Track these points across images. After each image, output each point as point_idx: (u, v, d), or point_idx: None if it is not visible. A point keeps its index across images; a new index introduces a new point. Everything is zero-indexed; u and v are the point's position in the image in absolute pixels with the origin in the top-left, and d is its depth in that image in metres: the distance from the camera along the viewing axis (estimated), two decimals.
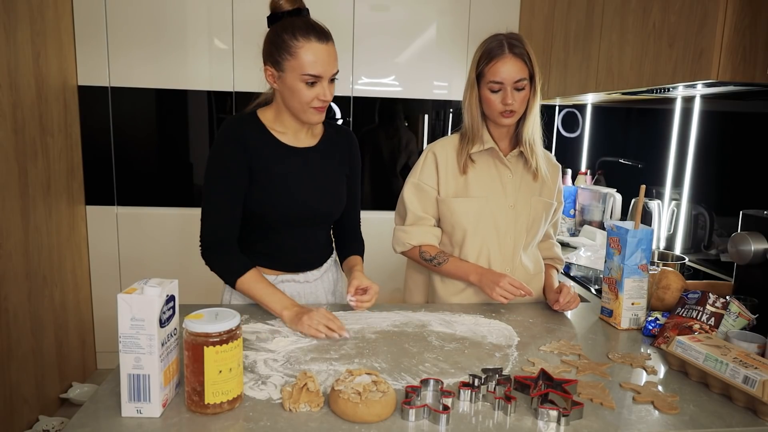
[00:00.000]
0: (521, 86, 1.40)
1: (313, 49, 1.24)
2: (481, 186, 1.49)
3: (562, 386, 0.94)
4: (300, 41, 1.24)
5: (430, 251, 1.50)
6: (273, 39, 1.28)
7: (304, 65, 1.24)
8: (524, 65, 1.40)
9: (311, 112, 1.30)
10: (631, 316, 1.32)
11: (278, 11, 1.29)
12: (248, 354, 1.10)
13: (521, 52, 1.40)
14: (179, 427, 0.85)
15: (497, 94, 1.41)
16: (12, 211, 2.24)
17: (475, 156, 1.49)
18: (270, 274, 1.41)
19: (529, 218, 1.51)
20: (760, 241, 1.26)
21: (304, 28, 1.25)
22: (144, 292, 0.84)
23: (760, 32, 1.52)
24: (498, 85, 1.40)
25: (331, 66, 1.28)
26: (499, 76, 1.39)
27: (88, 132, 2.84)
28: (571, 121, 3.14)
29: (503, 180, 1.50)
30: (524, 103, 1.43)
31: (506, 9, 3.03)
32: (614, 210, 2.48)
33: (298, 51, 1.24)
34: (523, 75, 1.39)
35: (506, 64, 1.39)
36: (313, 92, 1.27)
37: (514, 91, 1.40)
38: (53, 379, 2.57)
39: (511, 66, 1.39)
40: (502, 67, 1.39)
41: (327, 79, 1.28)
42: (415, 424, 0.87)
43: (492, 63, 1.40)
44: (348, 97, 2.98)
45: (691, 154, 2.16)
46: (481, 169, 1.50)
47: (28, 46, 2.34)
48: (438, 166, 1.50)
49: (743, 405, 0.96)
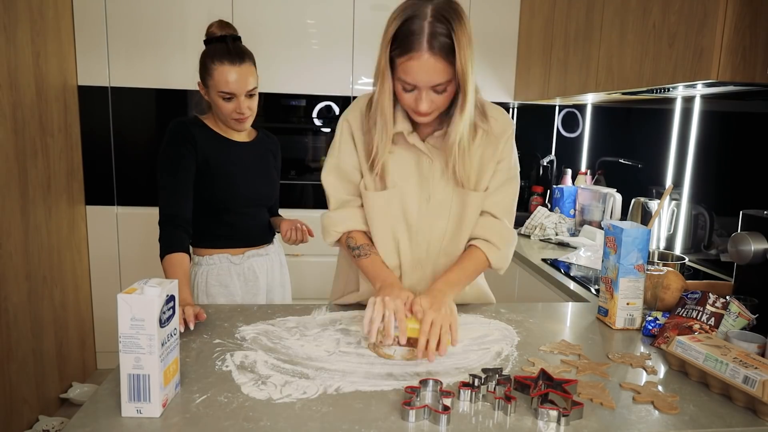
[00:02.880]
0: (441, 89, 1.10)
1: (225, 71, 1.49)
2: (396, 175, 1.24)
3: (562, 386, 0.94)
4: (215, 64, 1.49)
5: (358, 239, 1.28)
6: (201, 61, 1.54)
7: (219, 84, 1.50)
8: (447, 64, 1.06)
9: (233, 122, 1.56)
10: (626, 316, 1.32)
11: (210, 37, 1.54)
12: (248, 354, 1.10)
13: (444, 44, 1.04)
14: (179, 427, 0.85)
15: (410, 94, 1.12)
16: (12, 211, 2.24)
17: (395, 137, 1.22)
18: (237, 252, 1.64)
19: (449, 213, 1.26)
20: (760, 241, 1.26)
21: (220, 53, 1.49)
22: (144, 292, 0.84)
23: (760, 32, 1.52)
24: (410, 85, 1.10)
25: (242, 84, 1.50)
26: (411, 77, 1.08)
27: (88, 132, 2.84)
28: (571, 121, 3.13)
29: (421, 167, 1.24)
30: (447, 101, 1.14)
31: (506, 9, 3.03)
32: (614, 210, 2.48)
33: (214, 73, 1.50)
34: (443, 78, 1.08)
35: (421, 64, 1.06)
36: (231, 106, 1.53)
37: (432, 93, 1.11)
38: (53, 379, 2.57)
39: (428, 66, 1.06)
40: (415, 67, 1.07)
41: (242, 96, 1.52)
42: (415, 425, 0.87)
43: (404, 58, 1.07)
44: (348, 97, 2.98)
45: (691, 154, 2.16)
46: (398, 155, 1.24)
47: (28, 46, 2.34)
48: (355, 140, 1.27)
49: (743, 405, 0.96)
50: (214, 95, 1.53)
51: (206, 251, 1.63)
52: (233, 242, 1.64)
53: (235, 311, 1.35)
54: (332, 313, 1.35)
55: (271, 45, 2.82)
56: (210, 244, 1.63)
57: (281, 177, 1.79)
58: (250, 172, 1.63)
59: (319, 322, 1.29)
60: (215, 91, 1.52)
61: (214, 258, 1.63)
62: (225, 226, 1.62)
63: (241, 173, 1.61)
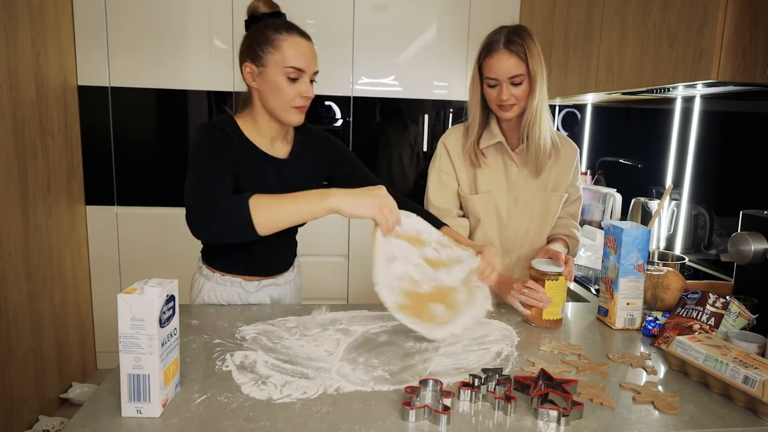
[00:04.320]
0: (518, 81, 1.39)
1: (297, 43, 1.26)
2: (487, 180, 1.52)
3: (562, 386, 0.94)
4: (284, 35, 1.26)
5: None
6: (255, 35, 1.28)
7: (287, 58, 1.25)
8: (520, 61, 1.38)
9: (292, 111, 1.30)
10: (626, 316, 1.32)
11: (257, 13, 1.31)
12: (248, 354, 1.10)
13: (518, 47, 1.38)
14: (179, 427, 0.85)
15: (494, 89, 1.42)
16: (12, 211, 2.24)
17: (485, 150, 1.51)
18: (252, 280, 1.44)
19: (532, 212, 1.53)
20: (760, 241, 1.26)
21: (286, 25, 1.28)
22: (144, 292, 0.84)
23: (760, 32, 1.52)
24: (493, 80, 1.40)
25: (313, 63, 1.30)
26: (493, 72, 1.39)
27: (88, 132, 2.84)
28: (571, 121, 3.14)
29: (509, 174, 1.52)
30: (525, 98, 1.42)
31: (506, 9, 3.03)
32: (614, 210, 2.48)
33: (282, 44, 1.25)
34: (518, 71, 1.38)
35: (500, 60, 1.38)
36: (295, 89, 1.27)
37: (510, 86, 1.39)
38: (53, 379, 2.57)
39: (505, 62, 1.38)
40: (496, 63, 1.39)
41: (308, 77, 1.29)
42: (415, 425, 0.87)
43: (488, 58, 1.40)
44: (348, 97, 2.98)
45: (691, 154, 2.16)
46: (489, 163, 1.52)
47: (28, 46, 2.34)
48: (452, 158, 1.54)
49: (743, 405, 0.96)
50: (275, 74, 1.26)
51: (218, 271, 1.43)
52: (251, 271, 1.44)
53: (235, 311, 1.35)
54: (332, 313, 1.35)
55: None
56: (224, 268, 1.42)
57: None
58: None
59: (319, 322, 1.29)
60: (281, 66, 1.25)
61: (226, 279, 1.42)
62: (246, 254, 1.40)
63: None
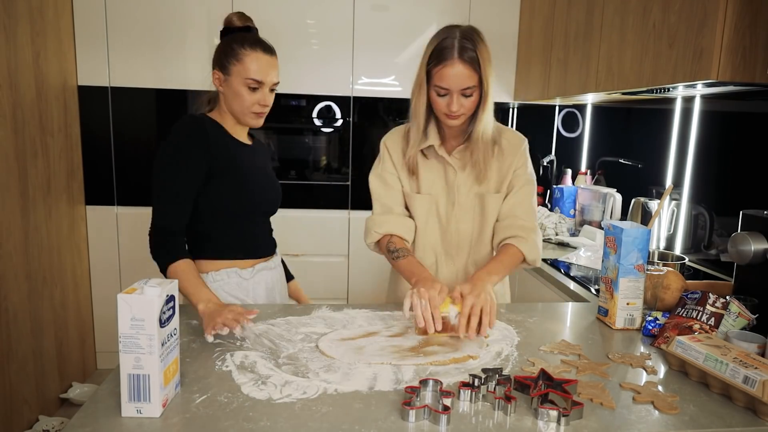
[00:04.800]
0: (469, 93, 1.33)
1: (258, 58, 1.42)
2: (428, 182, 1.48)
3: (562, 386, 0.94)
4: (247, 50, 1.42)
5: (396, 243, 1.44)
6: (223, 47, 1.45)
7: (249, 71, 1.41)
8: (473, 72, 1.31)
9: (251, 116, 1.46)
10: (626, 316, 1.32)
11: (230, 26, 1.48)
12: (248, 354, 1.10)
13: (471, 57, 1.30)
14: (179, 427, 0.85)
15: (443, 98, 1.35)
16: (12, 211, 2.24)
17: (426, 151, 1.46)
18: (246, 266, 1.51)
19: (472, 215, 1.48)
20: (760, 241, 1.26)
21: (252, 40, 1.43)
22: (144, 292, 0.84)
23: (760, 32, 1.52)
24: (444, 90, 1.33)
25: (272, 75, 1.45)
26: (445, 83, 1.32)
27: (88, 132, 2.84)
28: (571, 121, 3.14)
29: (447, 177, 1.47)
30: (473, 106, 1.37)
31: (506, 9, 3.03)
32: (614, 210, 2.48)
33: (245, 58, 1.41)
34: (471, 83, 1.32)
35: (453, 70, 1.30)
36: (254, 98, 1.43)
37: (461, 96, 1.33)
38: (53, 379, 2.57)
39: (458, 72, 1.30)
40: (449, 73, 1.31)
41: (267, 87, 1.44)
42: (415, 425, 0.87)
43: (439, 67, 1.31)
44: (348, 97, 2.98)
45: (691, 154, 2.16)
46: (430, 166, 1.47)
47: (28, 46, 2.34)
48: (393, 159, 1.49)
49: (743, 405, 0.96)
50: (237, 83, 1.42)
51: (211, 265, 1.47)
52: (241, 253, 1.51)
53: None
54: (333, 313, 1.35)
55: None
56: (216, 255, 1.48)
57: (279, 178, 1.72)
58: (260, 177, 1.54)
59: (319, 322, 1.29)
60: (242, 78, 1.41)
61: (221, 274, 1.47)
62: (233, 235, 1.49)
63: (252, 178, 1.50)
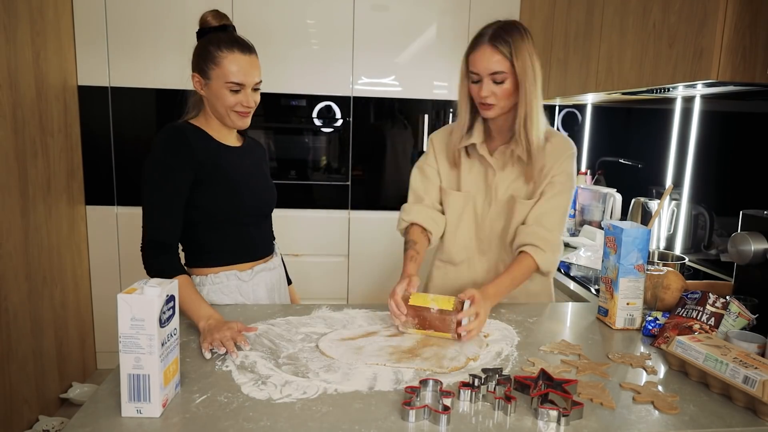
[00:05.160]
0: (500, 79, 1.32)
1: (236, 60, 1.37)
2: (468, 180, 1.49)
3: (562, 386, 0.94)
4: (224, 52, 1.37)
5: (413, 234, 1.46)
6: (200, 51, 1.40)
7: (228, 74, 1.37)
8: (503, 58, 1.31)
9: (235, 116, 1.42)
10: (626, 316, 1.32)
11: (205, 26, 1.42)
12: (248, 354, 1.10)
13: (503, 44, 1.30)
14: (179, 427, 0.85)
15: (477, 85, 1.35)
16: (12, 211, 2.24)
17: (470, 149, 1.47)
18: (245, 268, 1.49)
19: (506, 216, 1.46)
20: (760, 241, 1.26)
21: (228, 41, 1.38)
22: (144, 292, 0.84)
23: (760, 32, 1.52)
24: (475, 75, 1.35)
25: (252, 75, 1.40)
26: (474, 67, 1.34)
27: (88, 132, 2.84)
28: (571, 121, 3.14)
29: (488, 177, 1.47)
30: (507, 97, 1.35)
31: (506, 9, 3.02)
32: (614, 210, 2.48)
33: (223, 61, 1.37)
34: (499, 68, 1.31)
35: (482, 54, 1.32)
36: (236, 99, 1.39)
37: (491, 83, 1.33)
38: (53, 379, 2.57)
39: (487, 57, 1.31)
40: (478, 57, 1.33)
41: (250, 87, 1.40)
42: (415, 425, 0.87)
43: (472, 52, 1.35)
44: (348, 97, 2.98)
45: (691, 154, 2.16)
46: (471, 164, 1.48)
47: (28, 46, 2.33)
48: (436, 155, 1.52)
49: (743, 405, 0.96)
50: (218, 87, 1.38)
51: (210, 270, 1.46)
52: (239, 257, 1.48)
53: (235, 311, 1.36)
54: (332, 313, 1.35)
55: (271, 45, 2.81)
56: (214, 262, 1.46)
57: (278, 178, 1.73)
58: (251, 179, 1.50)
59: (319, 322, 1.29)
60: (221, 81, 1.37)
61: (221, 277, 1.45)
62: (229, 240, 1.46)
63: (243, 180, 1.46)
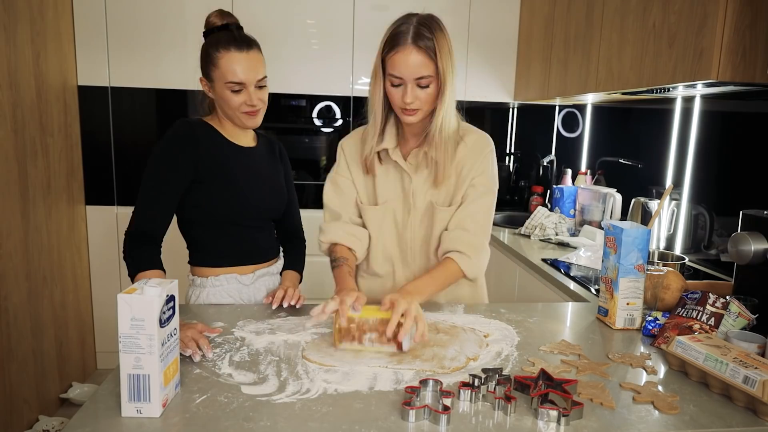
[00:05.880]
0: (425, 83, 1.23)
1: (233, 59, 1.35)
2: (384, 189, 1.39)
3: (562, 386, 0.94)
4: (221, 52, 1.35)
5: (338, 251, 1.37)
6: (202, 54, 1.40)
7: (226, 74, 1.35)
8: (428, 60, 1.21)
9: (242, 116, 1.40)
10: (626, 316, 1.32)
11: (210, 27, 1.42)
12: (248, 354, 1.10)
13: (428, 44, 1.20)
14: (179, 427, 0.85)
15: (398, 89, 1.25)
16: (12, 211, 2.24)
17: (382, 154, 1.37)
18: (246, 271, 1.48)
19: (427, 222, 1.39)
20: (760, 241, 1.26)
21: (225, 40, 1.36)
22: (144, 292, 0.84)
23: (760, 32, 1.52)
24: (398, 79, 1.23)
25: (252, 73, 1.36)
26: (398, 70, 1.22)
27: (88, 132, 2.85)
28: (571, 121, 3.13)
29: (404, 183, 1.38)
30: (432, 102, 1.26)
31: (506, 9, 3.03)
32: (614, 210, 2.48)
33: (220, 61, 1.35)
34: (426, 72, 1.21)
35: (407, 57, 1.20)
36: (240, 99, 1.37)
37: (417, 88, 1.23)
38: (53, 379, 2.57)
39: (412, 60, 1.20)
40: (401, 60, 1.21)
41: (252, 86, 1.37)
42: (415, 425, 0.87)
43: (392, 53, 1.22)
44: (348, 97, 2.98)
45: (691, 154, 2.16)
46: (386, 171, 1.39)
47: (28, 46, 2.34)
48: (348, 163, 1.42)
49: (743, 405, 0.96)
50: (220, 88, 1.36)
51: (210, 271, 1.46)
52: (241, 259, 1.47)
53: (235, 311, 1.36)
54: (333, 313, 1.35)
55: (271, 45, 2.81)
56: (214, 263, 1.46)
57: None
58: (259, 182, 1.47)
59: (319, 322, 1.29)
60: (222, 82, 1.35)
61: (221, 279, 1.45)
62: (231, 242, 1.45)
63: (249, 183, 1.44)
